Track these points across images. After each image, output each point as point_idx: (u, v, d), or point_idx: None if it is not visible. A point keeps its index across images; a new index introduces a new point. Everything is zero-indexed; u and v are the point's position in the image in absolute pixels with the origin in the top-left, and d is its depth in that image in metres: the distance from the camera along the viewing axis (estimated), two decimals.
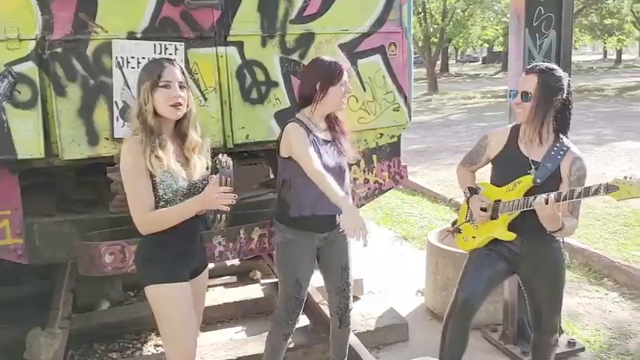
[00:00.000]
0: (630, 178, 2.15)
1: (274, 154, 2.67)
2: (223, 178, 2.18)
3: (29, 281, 4.62)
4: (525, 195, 2.48)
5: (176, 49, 2.73)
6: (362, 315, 3.76)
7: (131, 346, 3.69)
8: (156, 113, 2.19)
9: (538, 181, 2.47)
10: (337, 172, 2.54)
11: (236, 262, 4.85)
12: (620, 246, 5.21)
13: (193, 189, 2.27)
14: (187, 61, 2.76)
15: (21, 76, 2.54)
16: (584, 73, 33.26)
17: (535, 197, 2.37)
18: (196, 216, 2.35)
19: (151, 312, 2.37)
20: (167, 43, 2.71)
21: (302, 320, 3.71)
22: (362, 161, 3.33)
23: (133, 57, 2.66)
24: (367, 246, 2.34)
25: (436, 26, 26.33)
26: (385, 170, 3.43)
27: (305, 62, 2.96)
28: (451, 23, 26.37)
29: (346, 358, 3.01)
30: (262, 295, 4.18)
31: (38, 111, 2.58)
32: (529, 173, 2.50)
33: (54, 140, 2.65)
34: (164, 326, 2.29)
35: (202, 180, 2.33)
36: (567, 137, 2.56)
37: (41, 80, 2.59)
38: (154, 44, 2.69)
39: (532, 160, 2.52)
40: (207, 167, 2.34)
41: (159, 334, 3.69)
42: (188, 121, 2.28)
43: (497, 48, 44.76)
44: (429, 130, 13.72)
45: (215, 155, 2.46)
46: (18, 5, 2.52)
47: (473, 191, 2.71)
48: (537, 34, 3.29)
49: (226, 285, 4.56)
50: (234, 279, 4.68)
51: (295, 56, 3.00)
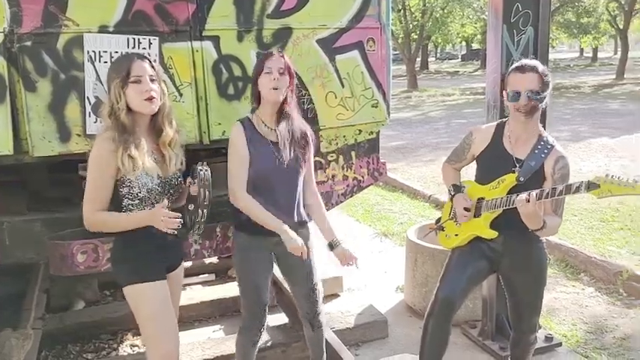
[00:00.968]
0: (612, 177, 2.15)
1: None
2: (202, 192, 2.17)
3: (0, 282, 4.51)
4: (509, 193, 2.48)
5: (150, 44, 2.67)
6: (341, 312, 3.74)
7: (107, 347, 3.63)
8: (129, 110, 2.15)
9: (522, 179, 2.46)
10: (289, 176, 2.50)
11: (214, 260, 4.80)
12: (596, 241, 5.27)
13: (167, 186, 2.23)
14: (162, 56, 2.70)
15: None
16: (560, 71, 33.69)
17: (517, 195, 2.37)
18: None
19: (128, 311, 2.33)
20: (141, 37, 2.65)
21: (280, 319, 3.70)
22: (340, 158, 3.30)
23: (106, 51, 2.59)
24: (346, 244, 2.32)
25: (416, 23, 26.43)
26: (364, 167, 3.40)
27: None
28: (430, 20, 26.50)
29: (325, 356, 2.98)
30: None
31: (7, 106, 2.50)
32: (513, 171, 2.49)
33: (23, 137, 2.57)
34: (143, 326, 2.26)
35: (177, 177, 2.29)
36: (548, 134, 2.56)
37: (10, 75, 2.50)
38: (128, 38, 2.62)
39: (516, 158, 2.51)
40: (181, 162, 2.30)
41: (135, 334, 3.67)
42: (162, 115, 2.25)
43: (475, 45, 45.23)
44: (409, 127, 13.77)
45: (188, 152, 2.43)
46: None
47: (457, 189, 2.70)
48: (515, 31, 3.30)
49: (204, 283, 4.52)
50: (212, 277, 4.64)
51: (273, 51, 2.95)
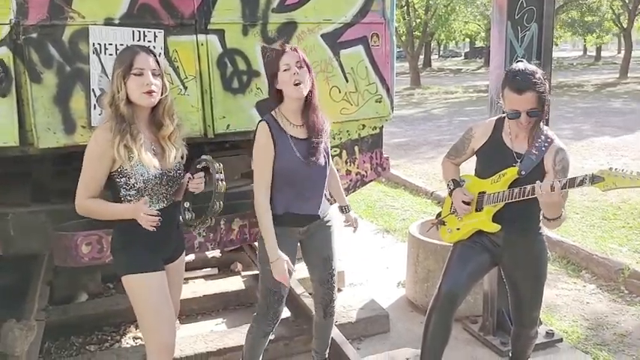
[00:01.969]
0: (615, 169, 2.17)
1: None
2: (218, 184, 2.20)
3: (4, 273, 4.53)
4: (510, 186, 2.49)
5: (155, 37, 2.67)
6: (343, 307, 3.75)
7: (109, 339, 3.65)
8: (129, 101, 2.16)
9: (523, 173, 2.47)
10: (312, 172, 2.52)
11: (217, 254, 4.82)
12: (597, 239, 5.28)
13: (166, 178, 2.24)
14: (167, 49, 2.71)
15: None
16: (564, 70, 33.62)
17: (522, 188, 2.39)
18: (172, 204, 2.33)
19: (130, 304, 2.34)
20: (146, 30, 2.65)
21: (283, 312, 3.71)
22: (344, 152, 3.31)
23: (111, 44, 2.60)
24: (348, 239, 2.36)
25: (419, 20, 26.39)
26: (367, 162, 3.41)
27: None
28: (434, 17, 26.46)
29: (327, 352, 3.00)
30: (243, 287, 4.15)
31: (12, 98, 2.51)
32: (513, 165, 2.50)
33: (29, 128, 2.58)
34: (141, 317, 2.28)
35: (177, 169, 2.30)
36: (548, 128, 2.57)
37: (15, 66, 2.51)
38: (133, 31, 2.63)
39: (516, 153, 2.52)
40: (182, 156, 2.31)
41: (138, 327, 3.67)
42: (163, 109, 2.26)
43: (479, 43, 45.11)
44: (411, 124, 13.76)
45: (191, 145, 2.44)
46: None
47: (456, 184, 2.71)
48: (519, 27, 3.30)
49: (207, 277, 4.53)
50: (215, 271, 4.65)
51: (277, 45, 2.96)
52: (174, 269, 2.42)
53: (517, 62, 2.54)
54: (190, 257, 4.71)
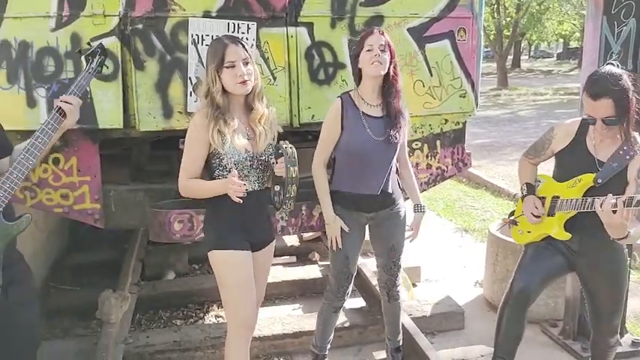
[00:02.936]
0: None
1: None
2: (289, 169, 2.25)
3: (103, 249, 4.91)
4: (585, 195, 2.41)
5: (248, 28, 2.81)
6: (418, 300, 3.77)
7: (194, 315, 3.86)
8: (225, 91, 2.29)
9: (599, 182, 2.37)
10: (378, 149, 2.58)
11: (296, 244, 4.96)
12: None
13: (257, 160, 2.36)
14: (259, 40, 2.85)
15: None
16: None
17: (594, 199, 2.29)
18: (264, 189, 2.44)
19: (214, 284, 2.48)
20: (240, 22, 2.80)
21: (358, 302, 3.78)
22: (425, 146, 3.32)
23: (208, 35, 2.76)
24: (426, 236, 2.39)
25: (509, 19, 25.52)
26: (448, 157, 3.40)
27: None
28: (525, 16, 25.48)
29: (401, 340, 3.04)
30: (320, 276, 4.25)
31: (119, 84, 2.74)
32: (593, 172, 2.40)
33: (132, 112, 2.80)
34: (223, 291, 2.41)
35: (268, 154, 2.41)
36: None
37: (122, 55, 2.74)
38: (228, 23, 2.79)
39: (598, 160, 2.42)
40: (273, 137, 2.42)
41: (220, 306, 3.88)
42: (254, 94, 2.37)
43: (573, 44, 42.99)
44: (496, 125, 13.39)
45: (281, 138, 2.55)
46: None
47: (530, 189, 2.66)
48: (616, 22, 3.17)
49: (285, 264, 4.67)
50: (293, 259, 4.79)
51: None
52: (262, 256, 2.53)
53: (606, 64, 2.45)
54: None
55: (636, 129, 2.41)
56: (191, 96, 2.80)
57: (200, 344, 3.26)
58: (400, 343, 3.04)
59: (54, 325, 3.63)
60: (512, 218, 2.77)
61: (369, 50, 2.50)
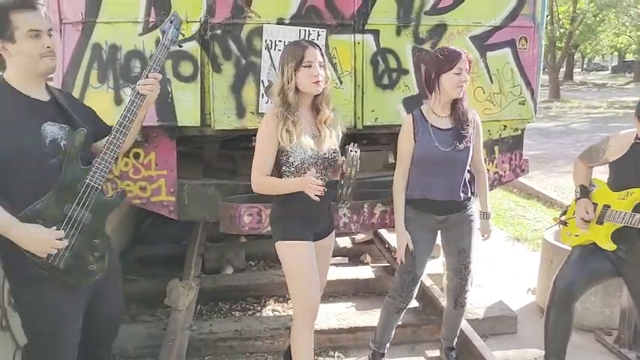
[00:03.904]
0: None
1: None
2: (349, 170, 2.41)
3: (162, 244, 5.17)
4: (635, 209, 2.44)
5: (318, 35, 2.98)
6: (470, 303, 3.78)
7: (251, 308, 4.02)
8: (297, 90, 2.45)
9: None
10: (452, 161, 2.68)
11: (348, 245, 5.08)
12: None
13: (321, 159, 2.50)
14: (327, 46, 3.01)
15: (186, 54, 2.92)
16: None
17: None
18: (326, 185, 2.58)
19: (271, 280, 2.61)
20: (311, 29, 2.97)
21: (412, 302, 3.86)
22: (483, 151, 3.40)
23: (280, 40, 2.94)
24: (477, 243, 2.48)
25: (563, 30, 25.02)
26: (506, 162, 3.48)
27: None
28: (580, 28, 24.94)
29: (455, 340, 3.11)
30: (373, 276, 4.36)
31: (197, 85, 2.95)
32: None
33: (208, 112, 3.00)
34: (289, 280, 2.56)
35: (332, 152, 2.55)
36: None
37: (202, 58, 2.95)
38: (300, 29, 2.96)
39: None
40: (337, 137, 2.56)
41: (277, 301, 4.04)
42: (322, 97, 2.51)
43: (629, 57, 41.71)
44: (547, 137, 13.19)
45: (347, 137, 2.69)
46: None
47: (583, 192, 2.71)
48: None
49: (338, 265, 4.79)
50: (345, 260, 4.91)
51: (427, 46, 3.14)
52: (323, 246, 2.67)
53: None
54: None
55: None
56: (263, 97, 2.98)
57: (259, 334, 3.43)
58: (454, 344, 3.12)
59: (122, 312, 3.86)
60: (562, 218, 2.82)
61: (458, 74, 2.60)
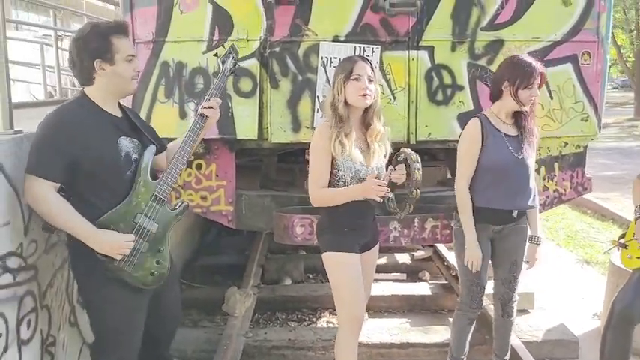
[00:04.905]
0: None
1: (455, 156, 2.82)
2: (416, 173, 2.41)
3: (226, 254, 5.37)
4: None
5: (373, 52, 3.05)
6: (529, 325, 3.72)
7: (307, 319, 4.10)
8: (346, 103, 2.50)
9: None
10: (519, 167, 2.65)
11: (407, 261, 5.07)
12: None
13: (370, 173, 2.54)
14: (382, 63, 3.07)
15: (245, 70, 3.07)
16: None
17: None
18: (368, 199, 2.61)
19: (327, 292, 2.66)
20: (366, 46, 3.05)
21: None
22: (542, 168, 3.33)
23: (336, 57, 3.03)
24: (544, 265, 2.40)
25: None
26: (567, 180, 3.38)
27: (492, 68, 3.08)
28: None
29: (508, 355, 3.04)
30: (430, 293, 4.32)
31: (256, 100, 3.10)
32: None
33: (265, 126, 3.14)
34: (335, 290, 2.59)
35: (379, 167, 2.58)
36: None
37: (260, 74, 3.09)
38: (355, 46, 3.04)
39: None
40: (385, 155, 2.59)
41: (332, 313, 4.09)
42: (373, 112, 2.54)
43: None
44: (629, 157, 12.50)
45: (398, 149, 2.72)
46: (249, 12, 3.05)
47: None
48: None
49: (396, 280, 4.79)
50: (403, 276, 4.89)
51: (483, 62, 3.13)
52: (368, 257, 2.70)
53: None
54: (382, 260, 5.05)
55: None
56: (318, 112, 3.07)
57: (312, 344, 3.49)
58: (507, 357, 3.04)
59: (185, 316, 4.04)
60: (621, 241, 2.72)
61: (530, 88, 2.60)
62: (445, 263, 4.60)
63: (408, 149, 2.48)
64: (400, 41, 3.08)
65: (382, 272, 4.83)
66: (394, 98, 3.11)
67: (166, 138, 2.90)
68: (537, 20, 3.14)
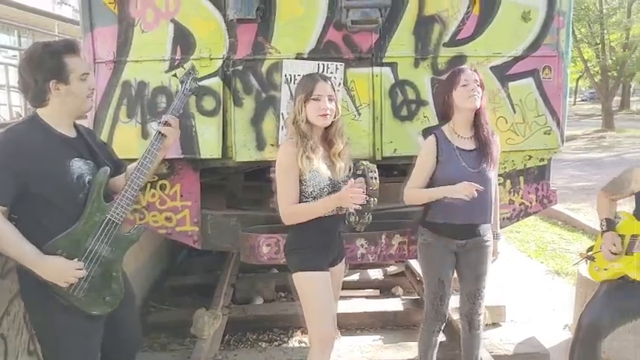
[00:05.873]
0: None
1: None
2: (372, 182, 2.41)
3: (196, 274, 5.28)
4: None
5: (336, 69, 3.05)
6: (500, 339, 3.71)
7: (278, 339, 4.03)
8: (307, 121, 2.50)
9: None
10: (474, 181, 2.63)
11: (379, 277, 5.04)
12: None
13: (337, 188, 2.52)
14: (345, 79, 3.07)
15: (208, 89, 3.04)
16: None
17: None
18: (334, 215, 2.60)
19: (298, 311, 2.63)
20: (329, 63, 3.05)
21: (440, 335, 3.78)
22: (507, 182, 3.35)
23: (299, 74, 3.02)
24: (514, 278, 2.40)
25: (615, 59, 24.32)
26: (532, 193, 3.40)
27: None
28: (634, 56, 24.17)
29: None
30: (402, 309, 4.29)
31: (219, 118, 3.06)
32: None
33: (229, 144, 3.10)
34: (307, 310, 2.56)
35: (344, 182, 2.57)
36: None
37: (224, 93, 3.07)
38: (318, 64, 3.04)
39: None
40: (349, 169, 2.58)
41: (304, 332, 4.03)
42: (335, 130, 2.54)
43: None
44: (599, 168, 12.74)
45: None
46: (211, 30, 3.03)
47: (610, 225, 2.63)
48: None
49: (368, 297, 4.75)
50: (376, 293, 4.86)
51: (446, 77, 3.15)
52: (335, 272, 2.68)
53: None
54: (354, 277, 5.02)
55: None
56: (282, 130, 3.05)
57: None
58: None
59: (153, 340, 3.95)
60: (589, 253, 2.74)
61: (465, 85, 2.63)
62: (418, 278, 4.58)
63: (366, 161, 2.47)
64: (363, 58, 3.09)
65: (355, 289, 4.80)
66: (359, 115, 3.11)
67: (128, 159, 2.86)
68: (498, 36, 3.18)
